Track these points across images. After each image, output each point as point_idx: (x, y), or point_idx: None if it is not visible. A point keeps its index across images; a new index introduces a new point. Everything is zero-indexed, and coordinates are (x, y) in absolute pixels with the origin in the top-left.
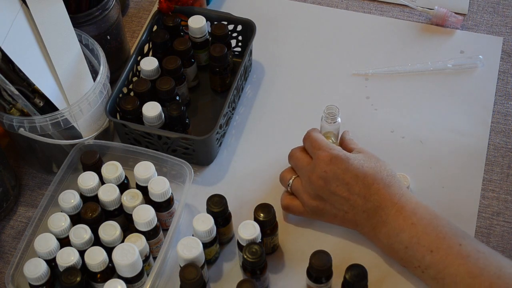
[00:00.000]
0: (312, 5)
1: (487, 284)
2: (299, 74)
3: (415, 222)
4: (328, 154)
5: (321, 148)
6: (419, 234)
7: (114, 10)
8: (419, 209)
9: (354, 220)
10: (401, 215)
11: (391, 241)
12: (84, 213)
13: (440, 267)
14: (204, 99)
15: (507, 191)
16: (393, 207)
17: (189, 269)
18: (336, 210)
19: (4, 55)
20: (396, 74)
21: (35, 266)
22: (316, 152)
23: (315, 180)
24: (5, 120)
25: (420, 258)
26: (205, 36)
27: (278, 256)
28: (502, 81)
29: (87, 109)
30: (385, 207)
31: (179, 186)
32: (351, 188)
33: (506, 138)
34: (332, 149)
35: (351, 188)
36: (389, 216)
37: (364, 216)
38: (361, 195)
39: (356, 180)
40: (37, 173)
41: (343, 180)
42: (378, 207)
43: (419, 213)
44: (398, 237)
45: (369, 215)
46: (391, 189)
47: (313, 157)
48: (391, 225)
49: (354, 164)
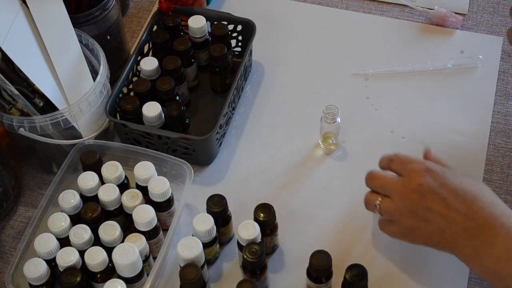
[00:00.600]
0: (312, 5)
1: None
2: (299, 74)
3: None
4: (423, 166)
5: (414, 162)
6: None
7: (114, 10)
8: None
9: (452, 240)
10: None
11: (500, 266)
12: (84, 213)
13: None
14: (204, 99)
15: (507, 191)
16: (502, 228)
17: (189, 269)
18: (432, 229)
19: (4, 55)
20: (396, 74)
21: (35, 266)
22: (409, 166)
23: (409, 195)
24: (5, 120)
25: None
26: (205, 36)
27: (278, 256)
28: (502, 81)
29: (87, 109)
30: (493, 227)
31: (179, 186)
32: (450, 203)
33: (506, 138)
34: (426, 162)
35: (449, 203)
36: (498, 237)
37: (465, 235)
38: (461, 212)
39: (455, 196)
40: (37, 173)
41: (440, 194)
42: (483, 226)
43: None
44: (509, 261)
45: (471, 235)
46: (496, 208)
47: (404, 173)
48: (500, 247)
49: (451, 179)
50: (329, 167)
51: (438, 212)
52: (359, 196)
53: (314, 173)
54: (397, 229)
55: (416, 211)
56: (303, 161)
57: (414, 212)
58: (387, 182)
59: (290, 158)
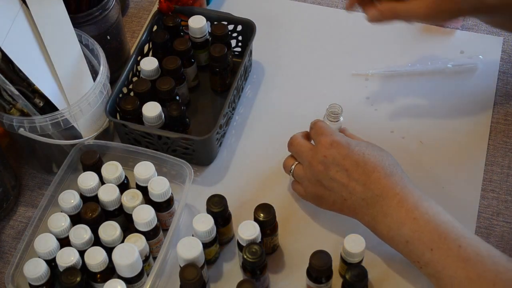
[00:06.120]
0: (312, 5)
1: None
2: (299, 74)
3: (417, 217)
4: (329, 139)
5: (323, 134)
6: (420, 230)
7: (114, 10)
8: (422, 202)
9: (353, 208)
10: (403, 207)
11: (392, 233)
12: (84, 213)
13: (438, 267)
14: (204, 99)
15: (507, 191)
16: (394, 198)
17: (189, 269)
18: (335, 197)
19: (4, 55)
20: (396, 74)
21: (35, 266)
22: (318, 138)
23: (315, 165)
24: (5, 120)
25: (420, 255)
26: (205, 36)
27: (278, 256)
28: (502, 81)
29: (87, 109)
30: (386, 197)
31: (179, 186)
32: (351, 174)
33: (506, 138)
34: (334, 135)
35: (350, 174)
36: (390, 207)
37: (363, 204)
38: (361, 182)
39: (356, 167)
40: (37, 173)
41: (343, 166)
42: (378, 196)
43: (422, 206)
44: (399, 230)
45: (368, 204)
46: (392, 178)
47: (315, 143)
48: (392, 217)
49: (354, 150)
50: None
51: (340, 182)
52: None
53: None
54: (305, 193)
55: (321, 180)
56: None
57: (319, 181)
58: (301, 151)
59: None
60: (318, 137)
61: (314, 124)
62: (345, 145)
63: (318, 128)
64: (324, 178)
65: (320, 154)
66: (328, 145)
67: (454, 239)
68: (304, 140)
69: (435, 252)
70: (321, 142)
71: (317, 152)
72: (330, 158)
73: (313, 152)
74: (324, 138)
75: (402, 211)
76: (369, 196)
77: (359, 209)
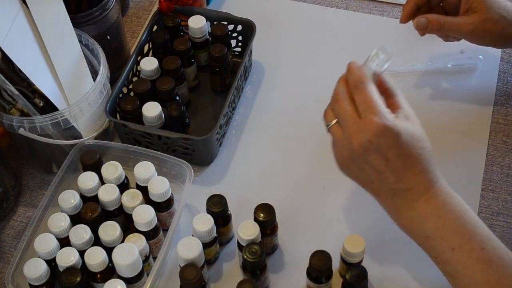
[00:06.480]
0: (312, 5)
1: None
2: (299, 74)
3: (443, 215)
4: (381, 124)
5: (375, 113)
6: (444, 229)
7: (114, 10)
8: (450, 200)
9: (377, 191)
10: (431, 204)
11: (413, 226)
12: (84, 213)
13: (458, 267)
14: (204, 99)
15: (507, 191)
16: (424, 195)
17: (189, 269)
18: (362, 175)
19: (4, 55)
20: (396, 74)
21: (35, 266)
22: (368, 116)
23: (355, 145)
24: (5, 120)
25: (440, 252)
26: (205, 36)
27: (278, 256)
28: (502, 81)
29: (87, 109)
30: (416, 193)
31: (179, 186)
32: (389, 164)
33: (506, 138)
34: (386, 119)
35: (389, 164)
36: (417, 201)
37: (390, 192)
38: (396, 173)
39: (397, 158)
40: (37, 173)
41: (385, 155)
42: (408, 190)
43: (450, 204)
44: (421, 224)
45: (395, 194)
46: (428, 175)
47: (362, 117)
48: (417, 211)
49: (402, 143)
50: (329, 167)
51: (375, 168)
52: (359, 196)
53: (314, 173)
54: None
55: (355, 159)
56: (303, 161)
57: (352, 158)
58: (344, 118)
59: (290, 158)
60: (368, 115)
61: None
62: (395, 135)
63: (368, 97)
64: (359, 159)
65: (365, 137)
66: (378, 131)
67: (478, 240)
68: (350, 106)
69: (457, 251)
70: (371, 124)
71: (362, 132)
72: (374, 145)
73: (358, 128)
74: (374, 120)
75: (429, 207)
76: (399, 188)
77: (383, 195)
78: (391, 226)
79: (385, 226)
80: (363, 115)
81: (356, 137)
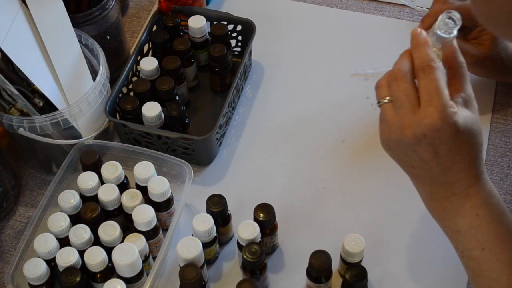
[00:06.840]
0: (312, 5)
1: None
2: (299, 74)
3: (480, 215)
4: (441, 120)
5: (437, 106)
6: (479, 228)
7: (114, 10)
8: (490, 199)
9: (416, 176)
10: (469, 201)
11: (445, 216)
12: (83, 213)
13: (483, 267)
14: (204, 99)
15: (507, 191)
16: (465, 191)
17: (188, 269)
18: (405, 159)
19: (4, 55)
20: None
21: (34, 266)
22: (429, 109)
23: (407, 135)
24: (5, 120)
25: (468, 248)
26: (205, 36)
27: (278, 256)
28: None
29: (87, 109)
30: (457, 187)
31: (179, 186)
32: (438, 157)
33: (506, 138)
34: (447, 115)
35: (438, 157)
36: (456, 195)
37: (430, 181)
38: (442, 166)
39: (447, 152)
40: (37, 173)
41: (436, 148)
42: (450, 184)
43: (489, 204)
44: (455, 218)
45: (434, 183)
46: (473, 172)
47: (422, 106)
48: (453, 205)
49: (456, 140)
50: (329, 167)
51: (421, 158)
52: (359, 196)
53: (314, 173)
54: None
55: (403, 146)
56: (303, 161)
57: (400, 144)
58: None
59: (290, 158)
60: (428, 105)
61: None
62: (452, 133)
63: (433, 84)
64: (407, 148)
65: (420, 131)
66: (436, 127)
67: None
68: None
69: (487, 252)
70: (431, 118)
71: (418, 125)
72: (428, 139)
73: (414, 119)
74: (435, 115)
75: (467, 204)
76: (441, 180)
77: (422, 181)
78: (391, 226)
79: (385, 226)
80: (423, 105)
81: (410, 128)
